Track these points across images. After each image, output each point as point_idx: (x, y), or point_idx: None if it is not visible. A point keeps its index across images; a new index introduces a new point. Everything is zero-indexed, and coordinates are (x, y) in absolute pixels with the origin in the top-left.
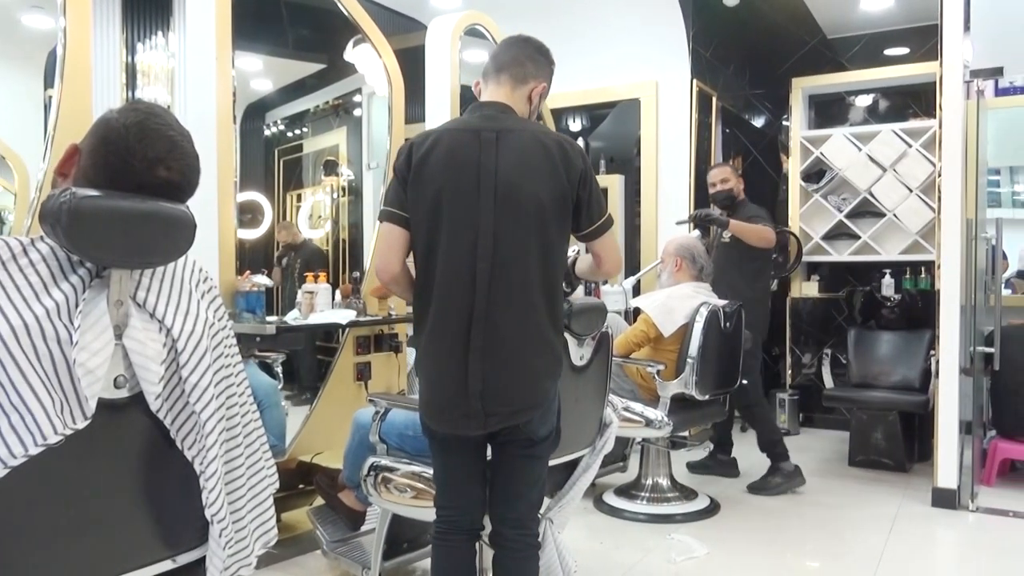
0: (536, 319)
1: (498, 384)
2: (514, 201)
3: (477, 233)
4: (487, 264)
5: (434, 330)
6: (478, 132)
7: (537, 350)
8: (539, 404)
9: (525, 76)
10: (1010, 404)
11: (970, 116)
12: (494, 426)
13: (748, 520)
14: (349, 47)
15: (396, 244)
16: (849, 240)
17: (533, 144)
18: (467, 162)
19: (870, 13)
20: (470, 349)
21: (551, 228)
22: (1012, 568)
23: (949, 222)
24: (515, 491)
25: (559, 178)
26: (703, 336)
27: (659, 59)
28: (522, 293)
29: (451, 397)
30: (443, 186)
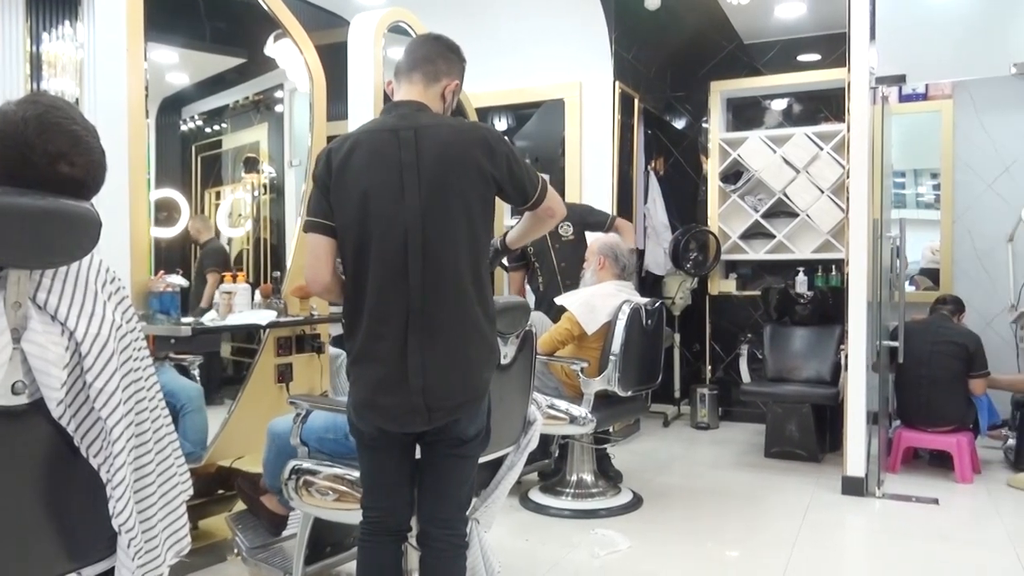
0: (471, 311)
1: (439, 379)
2: (440, 196)
3: (406, 231)
4: (419, 260)
5: (370, 330)
6: (396, 131)
7: (473, 341)
8: (480, 396)
9: (437, 74)
10: (913, 395)
11: (876, 121)
12: (439, 421)
13: (670, 512)
14: (270, 42)
15: (323, 254)
16: (765, 239)
17: (452, 137)
18: (389, 162)
19: (784, 20)
20: (408, 346)
21: (477, 219)
22: (914, 549)
23: (857, 222)
24: (443, 491)
25: (482, 168)
26: (625, 333)
27: (583, 60)
28: (455, 286)
29: (394, 395)
30: (367, 188)
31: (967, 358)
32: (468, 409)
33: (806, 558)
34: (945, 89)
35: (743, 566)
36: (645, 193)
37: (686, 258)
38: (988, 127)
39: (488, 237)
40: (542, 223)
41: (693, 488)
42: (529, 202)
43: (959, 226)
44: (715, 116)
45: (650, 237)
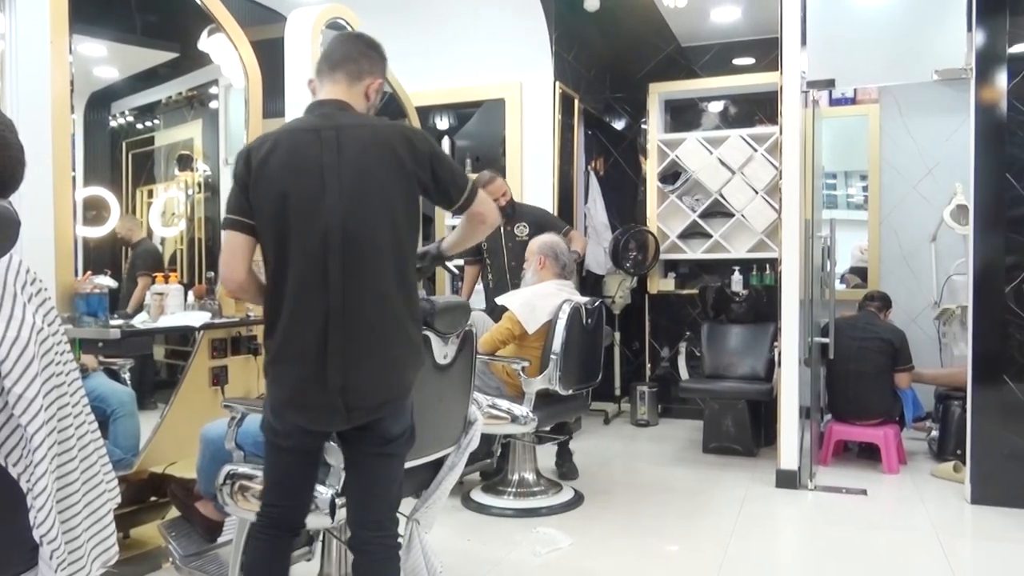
0: (393, 311)
1: (361, 379)
2: (361, 196)
3: (327, 231)
4: (339, 261)
5: (289, 330)
6: (318, 131)
7: (396, 341)
8: (402, 396)
9: (360, 73)
10: (842, 390)
11: (807, 124)
12: (358, 420)
13: (610, 509)
14: (203, 36)
15: (240, 251)
16: (702, 239)
17: (375, 138)
18: (309, 162)
19: (720, 24)
20: (329, 345)
21: (400, 219)
22: (844, 538)
23: (789, 222)
24: (372, 492)
25: (405, 168)
26: (566, 332)
27: (523, 60)
28: (377, 286)
29: (313, 394)
30: (287, 188)
31: (893, 353)
32: (390, 408)
33: (742, 549)
34: (872, 94)
35: (682, 559)
36: (585, 193)
37: (626, 257)
38: (912, 131)
39: (413, 236)
40: (474, 228)
41: (633, 484)
42: (455, 204)
43: (886, 226)
44: (653, 117)
45: (590, 237)
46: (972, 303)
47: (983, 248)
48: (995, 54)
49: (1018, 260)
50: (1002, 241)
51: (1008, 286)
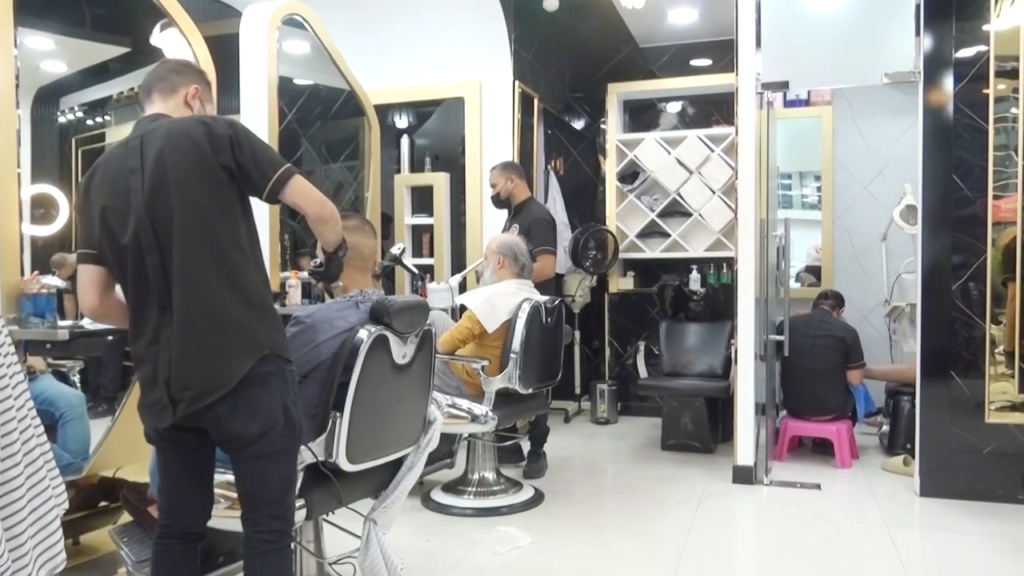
0: (215, 297)
1: (180, 369)
2: (162, 191)
3: (137, 233)
4: (155, 256)
5: (133, 334)
6: (126, 143)
7: (218, 329)
8: (224, 385)
9: (174, 86)
10: (797, 386)
11: (762, 125)
12: (183, 412)
13: (570, 507)
14: (156, 31)
15: (87, 281)
16: (661, 238)
17: (171, 132)
18: (119, 175)
19: (677, 26)
20: (160, 341)
21: (208, 206)
22: (799, 531)
23: (745, 222)
24: (244, 491)
25: (204, 155)
26: (526, 331)
27: (482, 59)
28: (192, 275)
29: (149, 392)
30: (104, 206)
31: (845, 350)
32: (222, 401)
33: (700, 545)
34: (825, 96)
35: (641, 556)
36: (545, 192)
37: (585, 256)
38: (864, 132)
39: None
40: (314, 227)
41: (593, 482)
42: (269, 183)
43: (838, 226)
44: (612, 117)
45: None
46: (920, 301)
47: (931, 247)
48: (942, 58)
49: (964, 259)
50: (949, 241)
51: (955, 284)
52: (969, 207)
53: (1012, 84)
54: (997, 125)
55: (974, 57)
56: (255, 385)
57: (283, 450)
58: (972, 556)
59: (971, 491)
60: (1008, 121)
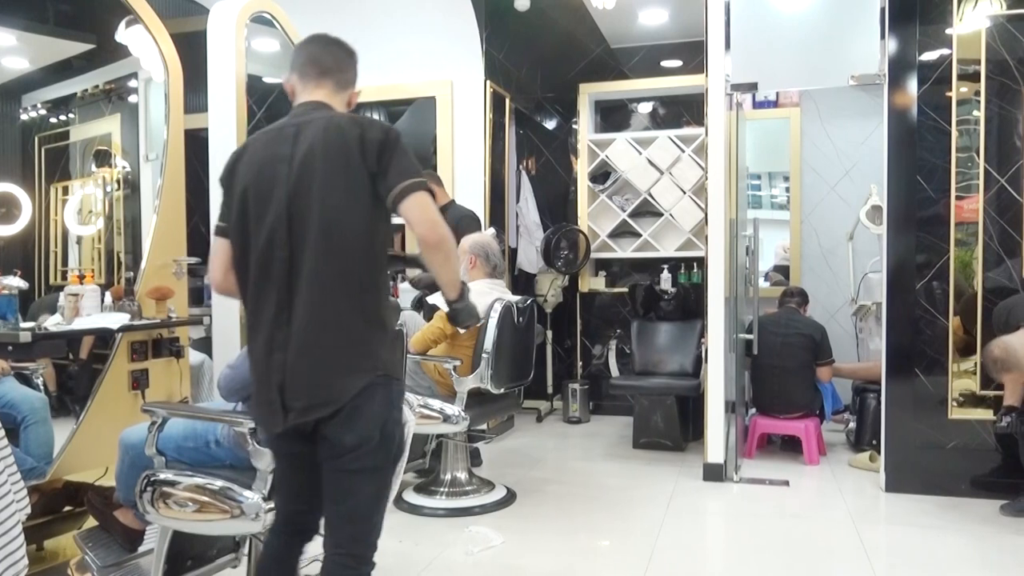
0: (337, 310)
1: (296, 377)
2: (306, 189)
3: (274, 226)
4: (285, 254)
5: (250, 327)
6: (282, 128)
7: (338, 343)
8: (337, 400)
9: (346, 83)
10: (766, 384)
11: (731, 126)
12: (293, 420)
13: (543, 506)
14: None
15: (216, 255)
16: (632, 238)
17: (327, 128)
18: (268, 159)
19: (648, 27)
20: (274, 342)
21: (348, 214)
22: (768, 528)
23: (715, 221)
24: (331, 506)
25: (352, 158)
26: (497, 331)
27: (454, 58)
28: (324, 282)
29: (260, 392)
30: (247, 186)
31: (814, 348)
32: (331, 413)
33: (671, 542)
34: (793, 97)
35: (613, 553)
36: (517, 192)
37: (557, 256)
38: (831, 134)
39: (367, 229)
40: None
41: (565, 481)
42: (393, 191)
43: (806, 225)
44: (584, 117)
45: (522, 236)
46: (886, 300)
47: (896, 247)
48: (906, 61)
49: (928, 259)
50: (913, 240)
51: (919, 283)
52: (932, 208)
53: (974, 87)
54: (959, 127)
55: (937, 60)
56: (359, 397)
57: (373, 467)
58: (936, 550)
59: (935, 486)
60: (970, 123)
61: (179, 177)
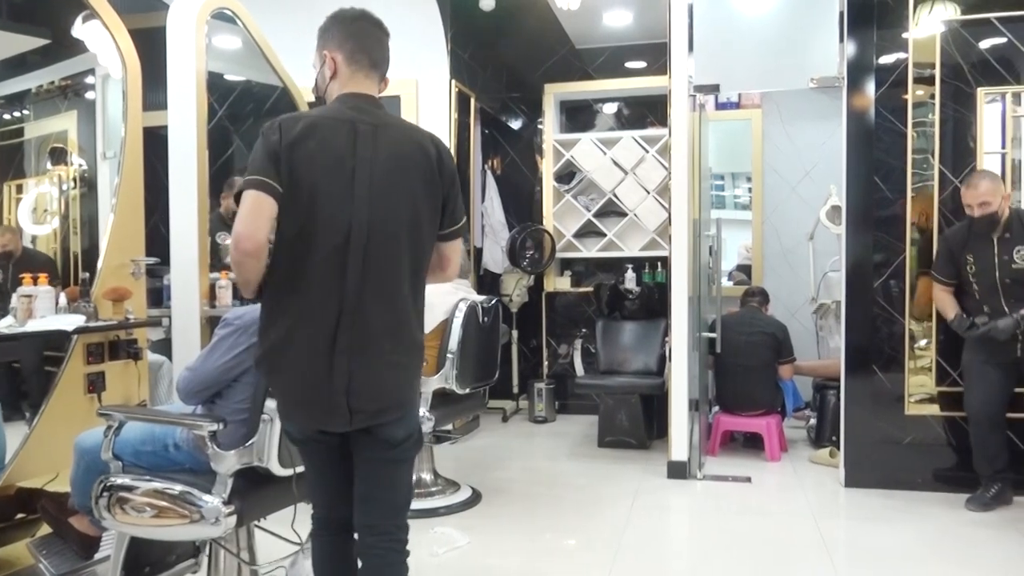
0: (406, 317)
1: (366, 381)
2: (390, 197)
3: (351, 226)
4: (360, 258)
5: (298, 323)
6: (354, 123)
7: (406, 348)
8: (404, 403)
9: (385, 74)
10: (729, 382)
11: (694, 126)
12: (360, 424)
13: (509, 506)
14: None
15: (266, 213)
16: (597, 237)
17: (409, 141)
18: (343, 153)
19: (612, 28)
20: (337, 344)
21: (423, 227)
22: (730, 524)
23: (678, 221)
24: (374, 496)
25: (433, 177)
26: (462, 331)
27: (419, 58)
28: (393, 290)
29: (315, 392)
30: (317, 178)
31: (777, 346)
32: (394, 414)
33: (636, 539)
34: (755, 99)
35: (579, 552)
36: (482, 192)
37: (523, 256)
38: (791, 135)
39: (431, 248)
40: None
41: (531, 481)
42: (451, 228)
43: (768, 225)
44: (549, 117)
45: (488, 236)
46: (845, 298)
47: (854, 246)
48: (864, 64)
49: (886, 258)
50: (871, 240)
51: (876, 282)
52: (890, 208)
53: (929, 90)
54: (915, 129)
55: (894, 64)
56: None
57: (411, 458)
58: (894, 544)
59: (892, 480)
60: (926, 125)
61: (137, 176)
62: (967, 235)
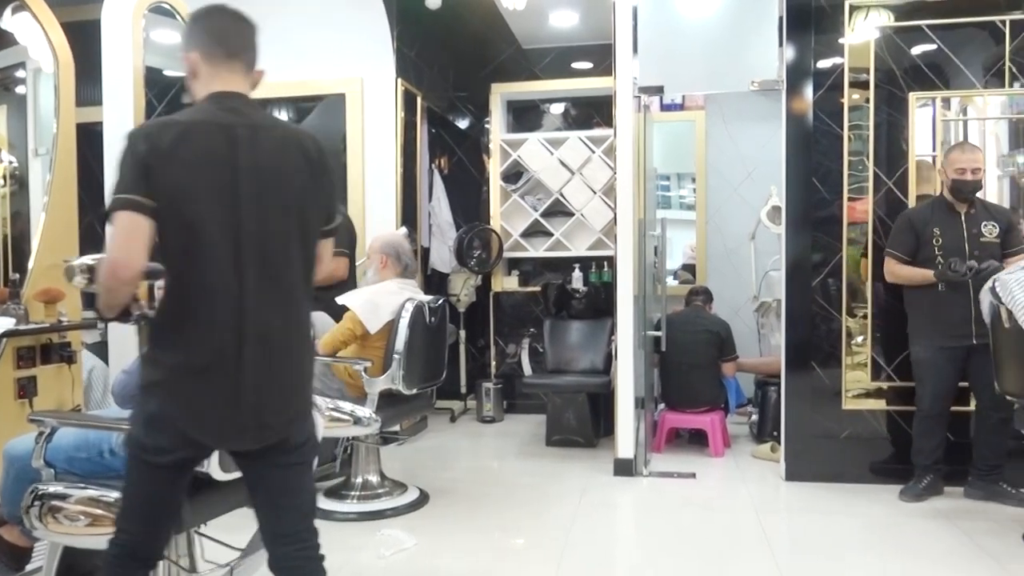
0: (302, 319)
1: (273, 395)
2: (277, 202)
3: (240, 237)
4: (255, 270)
5: (196, 341)
6: (231, 128)
7: (307, 354)
8: (308, 409)
9: (253, 63)
10: (675, 380)
11: (639, 127)
12: (271, 439)
13: (456, 506)
14: (7, 14)
15: (142, 236)
16: (544, 237)
17: (289, 142)
18: (222, 161)
19: (559, 28)
20: (242, 360)
21: (312, 230)
22: (675, 520)
23: (624, 221)
24: (282, 505)
25: (316, 177)
26: (409, 331)
27: (364, 55)
28: (291, 299)
29: (220, 412)
30: (197, 187)
31: (719, 344)
32: (299, 422)
33: (582, 536)
34: (699, 101)
35: (527, 551)
36: (429, 191)
37: (470, 256)
38: (734, 136)
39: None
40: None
41: (479, 480)
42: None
43: (711, 225)
44: (496, 117)
45: (435, 235)
46: (785, 296)
47: (794, 246)
48: (803, 68)
49: (824, 257)
50: (809, 240)
51: (815, 280)
52: (827, 208)
53: (865, 94)
54: (852, 132)
55: (831, 68)
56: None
57: (312, 460)
58: (832, 534)
59: (831, 474)
60: (861, 129)
61: (70, 173)
62: (931, 212)
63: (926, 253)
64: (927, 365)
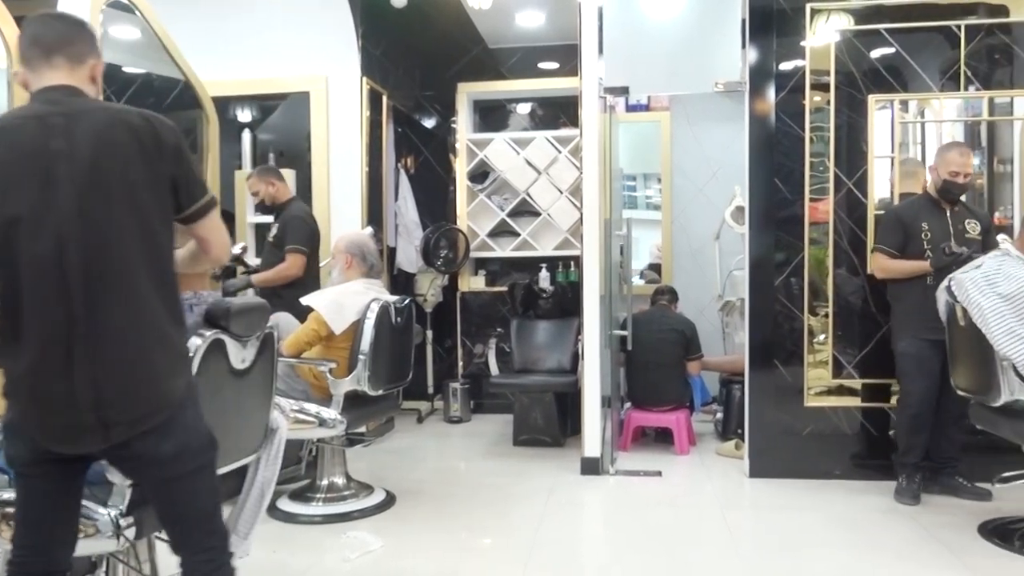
0: (149, 312)
1: (116, 389)
2: (102, 188)
3: (61, 230)
4: (80, 259)
5: (26, 343)
6: (42, 118)
7: (155, 346)
8: (166, 406)
9: (81, 55)
10: (641, 379)
11: (605, 128)
12: (120, 437)
13: (423, 507)
14: None
15: None
16: (511, 237)
17: (114, 123)
18: (33, 152)
19: (525, 28)
20: (74, 356)
21: (151, 212)
22: (641, 518)
23: (589, 221)
24: (174, 517)
25: (150, 157)
26: (375, 332)
27: (329, 53)
28: (127, 286)
29: (60, 413)
30: (10, 183)
31: (685, 343)
32: (154, 421)
33: (549, 535)
34: (664, 102)
35: (494, 551)
36: (396, 190)
37: (437, 256)
38: (698, 137)
39: (169, 233)
40: (195, 260)
41: (446, 481)
42: (194, 206)
43: (676, 225)
44: (463, 117)
45: (401, 235)
46: (748, 296)
47: (757, 245)
48: (765, 70)
49: (786, 256)
50: (772, 239)
51: (777, 280)
52: (789, 209)
53: (826, 96)
54: (813, 133)
55: (793, 70)
56: (184, 404)
57: (206, 464)
58: (795, 529)
59: (794, 470)
60: (823, 130)
61: None
62: (919, 208)
63: (914, 248)
64: (914, 359)
